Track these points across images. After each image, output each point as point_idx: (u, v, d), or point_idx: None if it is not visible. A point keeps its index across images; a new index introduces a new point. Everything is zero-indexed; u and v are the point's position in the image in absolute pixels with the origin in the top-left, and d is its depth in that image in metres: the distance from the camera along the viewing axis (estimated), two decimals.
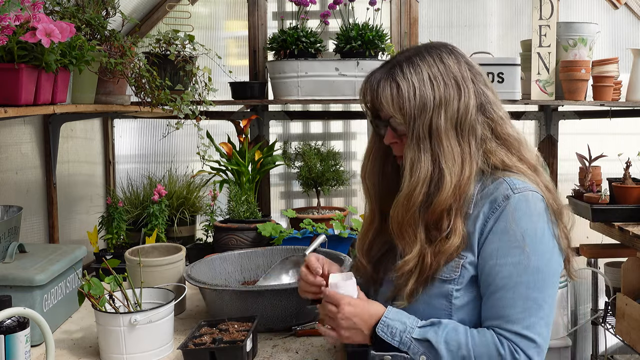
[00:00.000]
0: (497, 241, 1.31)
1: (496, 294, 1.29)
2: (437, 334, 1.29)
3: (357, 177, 3.26)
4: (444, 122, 1.33)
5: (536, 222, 1.31)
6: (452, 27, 3.21)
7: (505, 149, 1.38)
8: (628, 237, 2.52)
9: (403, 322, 1.31)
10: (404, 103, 1.33)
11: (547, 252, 1.31)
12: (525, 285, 1.28)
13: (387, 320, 1.31)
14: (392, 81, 1.35)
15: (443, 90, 1.34)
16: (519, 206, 1.30)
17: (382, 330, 1.31)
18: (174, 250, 2.03)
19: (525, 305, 1.28)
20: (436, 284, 1.34)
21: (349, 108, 3.24)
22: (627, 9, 3.20)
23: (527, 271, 1.28)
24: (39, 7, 1.51)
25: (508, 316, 1.28)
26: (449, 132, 1.33)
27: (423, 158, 1.33)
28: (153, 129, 3.20)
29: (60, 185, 2.60)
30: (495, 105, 1.39)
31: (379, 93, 1.36)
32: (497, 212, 1.31)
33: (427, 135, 1.33)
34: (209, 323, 1.67)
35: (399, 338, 1.30)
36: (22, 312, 1.33)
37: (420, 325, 1.31)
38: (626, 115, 3.15)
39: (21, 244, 1.84)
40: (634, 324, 2.53)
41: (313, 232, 2.54)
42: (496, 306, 1.29)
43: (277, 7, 3.16)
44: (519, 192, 1.31)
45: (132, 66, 2.12)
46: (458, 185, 1.32)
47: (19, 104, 1.50)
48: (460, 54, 1.40)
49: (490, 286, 1.31)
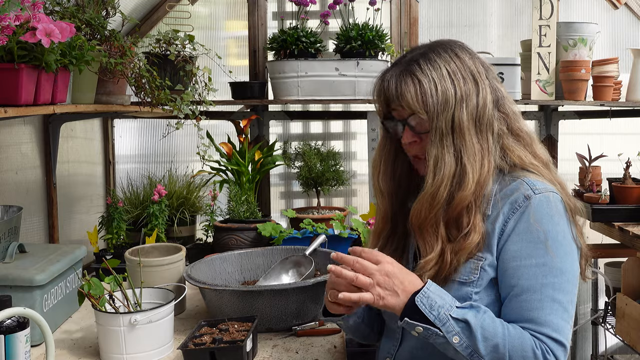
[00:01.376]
0: (519, 242, 1.29)
1: (522, 296, 1.27)
2: (477, 317, 1.24)
3: (357, 177, 3.27)
4: (466, 118, 1.31)
5: (557, 223, 1.30)
6: (452, 27, 3.21)
7: (520, 145, 1.38)
8: (628, 237, 2.52)
9: (443, 298, 1.25)
10: (427, 99, 1.31)
11: (569, 254, 1.30)
12: (551, 287, 1.26)
13: (429, 292, 1.25)
14: (413, 77, 1.32)
15: (463, 85, 1.32)
16: (540, 207, 1.29)
17: (422, 300, 1.24)
18: (174, 250, 2.03)
19: (552, 307, 1.26)
20: (455, 286, 1.31)
21: (349, 108, 3.24)
22: (627, 9, 3.20)
23: (552, 272, 1.26)
24: (39, 7, 1.51)
25: (537, 318, 1.25)
26: (470, 128, 1.32)
27: (447, 154, 1.31)
28: (153, 129, 3.20)
29: (60, 185, 2.60)
30: (508, 101, 1.39)
31: (400, 89, 1.33)
32: (518, 212, 1.30)
33: (450, 131, 1.31)
34: (209, 323, 1.67)
35: (436, 312, 1.23)
36: (22, 312, 1.33)
37: (459, 306, 1.25)
38: (626, 115, 3.15)
39: (21, 244, 1.84)
40: (634, 324, 2.53)
41: (313, 232, 2.54)
42: (523, 308, 1.27)
43: (277, 7, 3.16)
44: (540, 193, 1.30)
45: (132, 66, 2.12)
46: (478, 181, 1.31)
47: (19, 104, 1.50)
48: (471, 50, 1.40)
49: (515, 287, 1.28)
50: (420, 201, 1.33)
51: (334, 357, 1.65)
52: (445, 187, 1.30)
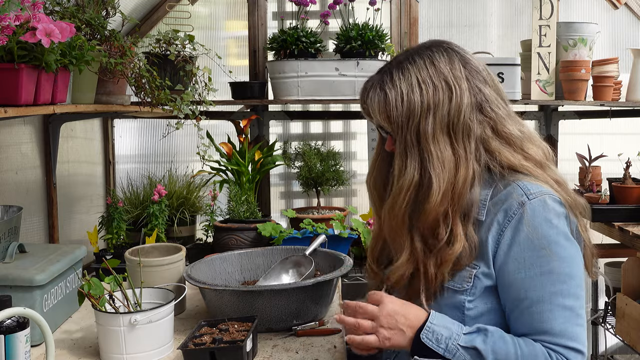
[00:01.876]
0: (521, 252, 1.26)
1: (532, 308, 1.25)
2: (485, 342, 1.23)
3: (357, 177, 3.27)
4: (432, 127, 1.29)
5: (556, 226, 1.27)
6: (452, 27, 3.21)
7: (509, 147, 1.34)
8: (628, 237, 2.52)
9: (448, 328, 1.24)
10: (390, 111, 1.31)
11: (573, 257, 1.28)
12: (560, 295, 1.24)
13: (433, 326, 1.24)
14: (380, 90, 1.33)
15: (432, 93, 1.30)
16: (536, 212, 1.26)
17: (427, 336, 1.24)
18: (174, 250, 2.03)
19: (565, 316, 1.24)
20: (448, 294, 1.30)
21: (349, 108, 3.24)
22: (627, 9, 3.20)
23: (559, 279, 1.24)
24: (39, 7, 1.51)
25: (551, 329, 1.24)
26: (439, 137, 1.30)
27: (409, 164, 1.30)
28: (153, 129, 3.20)
29: (60, 185, 2.60)
30: (493, 104, 1.34)
31: (367, 103, 1.36)
32: (514, 220, 1.27)
33: (415, 141, 1.30)
34: (209, 323, 1.67)
35: (444, 345, 1.23)
36: (22, 312, 1.33)
37: (466, 332, 1.24)
38: (626, 115, 3.15)
39: (21, 244, 1.84)
40: (634, 324, 2.53)
41: (313, 232, 2.54)
42: (535, 320, 1.25)
43: (277, 7, 3.17)
44: (534, 197, 1.27)
45: (132, 66, 2.12)
46: (450, 190, 1.28)
47: (19, 104, 1.50)
48: (455, 52, 1.35)
49: (524, 300, 1.25)
50: (384, 209, 1.36)
51: (334, 357, 1.64)
52: (405, 195, 1.30)
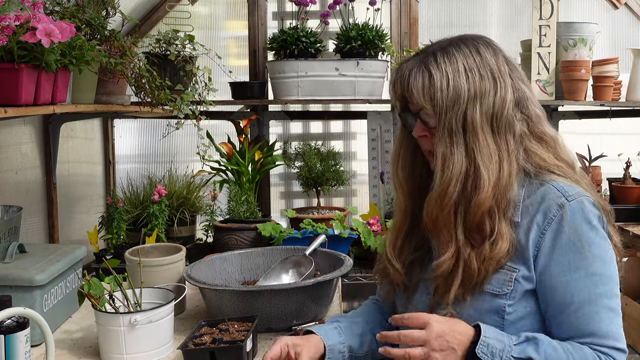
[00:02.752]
0: (564, 255, 1.25)
1: (579, 311, 1.24)
2: (538, 352, 1.20)
3: (357, 177, 3.27)
4: (479, 116, 1.26)
5: (596, 227, 1.26)
6: (452, 27, 3.21)
7: (543, 147, 1.33)
8: (628, 237, 2.52)
9: (501, 341, 1.20)
10: (435, 93, 1.27)
11: (612, 257, 1.27)
12: (605, 296, 1.24)
13: (487, 340, 1.20)
14: (424, 70, 1.29)
15: (479, 82, 1.27)
16: (576, 214, 1.25)
17: (482, 350, 1.19)
18: (174, 250, 2.03)
19: (609, 317, 1.24)
20: (486, 298, 1.27)
21: (349, 108, 3.24)
22: (627, 9, 3.20)
23: (602, 281, 1.24)
24: (39, 7, 1.51)
25: (598, 331, 1.23)
26: (485, 127, 1.27)
27: (456, 152, 1.26)
28: (153, 129, 3.20)
29: (60, 185, 2.60)
30: (532, 102, 1.33)
31: (409, 82, 1.30)
32: (554, 223, 1.25)
33: (461, 128, 1.27)
34: (209, 323, 1.67)
35: (499, 358, 1.19)
36: (22, 312, 1.33)
37: (517, 343, 1.21)
38: (626, 115, 3.15)
39: (21, 244, 1.84)
40: (634, 324, 2.53)
41: (313, 232, 2.54)
42: (582, 323, 1.24)
43: (277, 7, 3.17)
44: (573, 199, 1.26)
45: (132, 66, 2.12)
46: (497, 184, 1.26)
47: (19, 104, 1.50)
48: (497, 47, 1.34)
49: (571, 304, 1.24)
50: (430, 201, 1.30)
51: None
52: (454, 186, 1.26)
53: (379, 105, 3.02)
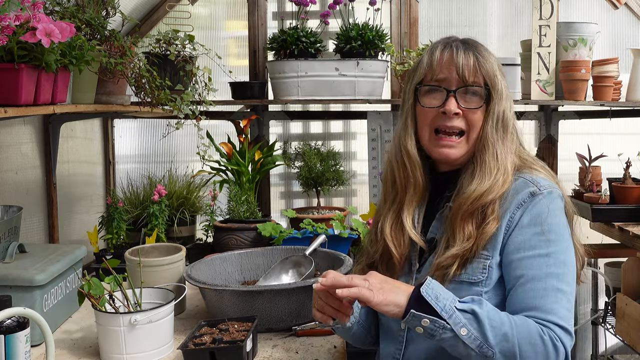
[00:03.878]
0: (524, 234, 1.31)
1: (527, 285, 1.28)
2: (482, 308, 1.23)
3: (357, 177, 3.27)
4: (510, 113, 1.40)
5: (560, 217, 1.34)
6: (452, 27, 3.21)
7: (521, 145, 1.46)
8: (628, 237, 2.52)
9: (446, 292, 1.24)
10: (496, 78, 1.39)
11: (569, 247, 1.33)
12: (555, 277, 1.28)
13: (432, 284, 1.23)
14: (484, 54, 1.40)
15: (506, 84, 1.42)
16: (544, 202, 1.32)
17: (427, 291, 1.21)
18: (174, 250, 2.03)
19: (557, 297, 1.27)
20: (464, 287, 1.31)
21: (349, 108, 3.24)
22: (627, 9, 3.20)
23: (556, 264, 1.29)
24: (39, 7, 1.51)
25: (543, 306, 1.26)
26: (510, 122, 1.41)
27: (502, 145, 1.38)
28: (153, 129, 3.20)
29: (60, 185, 2.60)
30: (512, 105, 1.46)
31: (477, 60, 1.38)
32: (522, 208, 1.33)
33: (501, 120, 1.39)
34: (209, 323, 1.67)
35: (442, 304, 1.20)
36: (22, 312, 1.33)
37: (461, 300, 1.24)
38: (626, 115, 3.15)
39: (21, 244, 1.84)
40: (634, 324, 2.53)
41: (313, 232, 2.53)
42: (529, 297, 1.27)
43: (277, 7, 3.16)
44: (545, 189, 1.34)
45: (132, 66, 2.12)
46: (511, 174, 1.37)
47: (19, 104, 1.50)
48: None
49: (521, 278, 1.29)
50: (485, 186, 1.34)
51: (334, 357, 1.65)
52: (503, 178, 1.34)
53: (379, 105, 3.02)
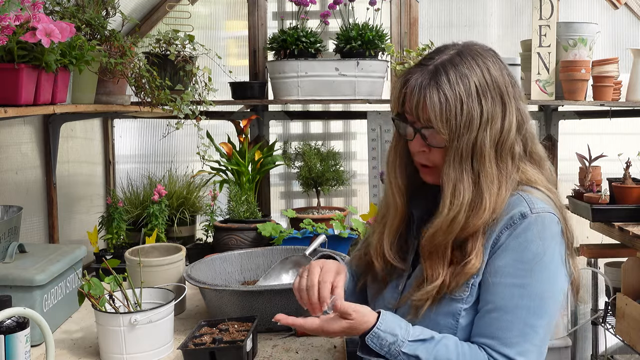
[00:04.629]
0: (504, 258, 1.25)
1: (493, 313, 1.24)
2: (428, 351, 1.22)
3: (357, 177, 3.27)
4: (488, 141, 1.25)
5: (547, 246, 1.25)
6: (452, 27, 3.21)
7: (534, 167, 1.34)
8: (628, 237, 2.52)
9: (394, 334, 1.23)
10: (450, 116, 1.23)
11: (552, 278, 1.25)
12: (525, 310, 1.22)
13: (379, 332, 1.24)
14: (438, 89, 1.24)
15: (490, 106, 1.25)
16: (533, 227, 1.24)
17: (372, 340, 1.24)
18: (174, 250, 2.03)
19: (523, 331, 1.22)
20: (445, 302, 1.28)
21: (349, 108, 3.24)
22: (627, 9, 3.20)
23: (530, 296, 1.23)
24: (39, 7, 1.51)
25: (503, 339, 1.22)
26: (491, 152, 1.26)
27: (465, 179, 1.25)
28: (153, 129, 3.20)
29: (60, 185, 2.60)
30: (527, 122, 1.33)
31: (425, 101, 1.25)
32: (511, 229, 1.25)
33: (470, 154, 1.25)
34: (209, 323, 1.67)
35: (387, 349, 1.23)
36: (22, 312, 1.33)
37: (412, 339, 1.23)
38: (626, 115, 3.15)
39: (21, 244, 1.84)
40: (634, 324, 2.53)
41: (313, 232, 2.53)
42: (492, 326, 1.24)
43: (277, 7, 3.16)
44: (537, 213, 1.25)
45: (132, 66, 2.12)
46: (494, 208, 1.25)
47: (19, 104, 1.50)
48: (504, 63, 1.31)
49: (489, 303, 1.25)
50: (436, 227, 1.27)
51: (334, 357, 1.65)
52: (463, 213, 1.24)
53: (379, 105, 3.02)
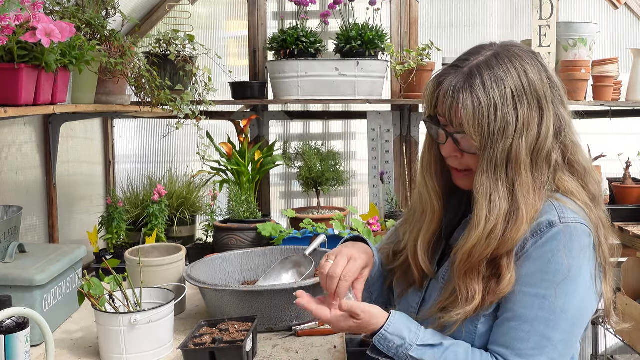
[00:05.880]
0: (528, 267, 1.19)
1: (512, 322, 1.20)
2: (436, 357, 1.20)
3: (357, 177, 3.27)
4: (524, 149, 1.19)
5: (575, 258, 1.18)
6: (452, 27, 3.21)
7: (574, 179, 1.26)
8: (628, 237, 2.52)
9: (402, 337, 1.21)
10: (482, 122, 1.18)
11: (579, 293, 1.19)
12: (544, 322, 1.18)
13: (386, 334, 1.22)
14: (472, 93, 1.19)
15: (526, 112, 1.19)
16: (560, 237, 1.18)
17: (379, 342, 1.23)
18: (174, 250, 2.03)
19: (539, 344, 1.18)
20: None
21: (349, 108, 3.24)
22: (627, 9, 3.19)
23: (550, 308, 1.18)
24: (39, 7, 1.51)
25: (518, 350, 1.18)
26: (527, 160, 1.20)
27: (500, 189, 1.19)
28: (153, 129, 3.20)
29: (60, 185, 2.60)
30: (570, 129, 1.27)
31: (457, 105, 1.20)
32: (537, 237, 1.20)
33: (504, 161, 1.19)
34: (209, 323, 1.67)
35: (394, 351, 1.21)
36: (22, 312, 1.33)
37: (420, 344, 1.21)
38: (626, 115, 3.15)
39: (21, 244, 1.84)
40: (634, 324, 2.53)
41: (313, 232, 2.53)
42: (509, 335, 1.20)
43: (277, 7, 3.17)
44: (565, 223, 1.19)
45: (132, 66, 2.12)
46: (531, 219, 1.19)
47: (19, 104, 1.50)
48: (544, 66, 1.25)
49: (508, 312, 1.20)
50: (473, 241, 1.20)
51: (334, 357, 1.65)
52: (501, 225, 1.18)
53: (379, 105, 3.02)
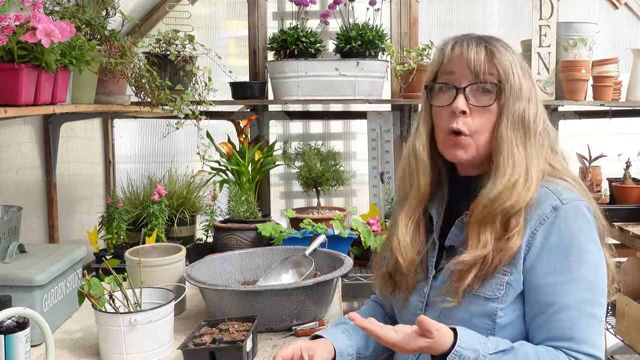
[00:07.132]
0: (552, 257, 1.23)
1: (561, 314, 1.22)
2: None
3: (357, 177, 3.27)
4: (532, 116, 1.29)
5: (588, 233, 1.25)
6: (452, 27, 3.21)
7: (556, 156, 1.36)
8: (628, 237, 2.52)
9: (475, 350, 1.18)
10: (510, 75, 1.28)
11: (600, 264, 1.25)
12: (589, 303, 1.22)
13: (460, 350, 1.17)
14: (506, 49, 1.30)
15: (531, 85, 1.31)
16: (570, 218, 1.24)
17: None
18: (174, 250, 2.03)
19: (591, 324, 1.22)
20: (479, 302, 1.26)
21: (349, 108, 3.24)
22: (627, 9, 3.20)
23: (588, 287, 1.22)
24: (39, 7, 1.51)
25: (578, 337, 1.21)
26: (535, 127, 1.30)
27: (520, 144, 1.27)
28: (153, 129, 3.20)
29: (60, 185, 2.60)
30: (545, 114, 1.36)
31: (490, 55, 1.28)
32: (546, 224, 1.24)
33: (521, 121, 1.28)
34: (209, 323, 1.67)
35: None
36: (22, 312, 1.33)
37: (492, 352, 1.19)
38: (626, 115, 3.15)
39: (21, 244, 1.84)
40: (634, 324, 2.53)
41: (313, 232, 2.54)
42: (563, 327, 1.22)
43: (277, 7, 3.17)
44: (568, 203, 1.25)
45: (132, 66, 2.12)
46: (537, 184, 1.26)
47: (19, 104, 1.50)
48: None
49: (553, 305, 1.22)
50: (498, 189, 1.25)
51: None
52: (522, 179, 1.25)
53: (379, 105, 3.02)
